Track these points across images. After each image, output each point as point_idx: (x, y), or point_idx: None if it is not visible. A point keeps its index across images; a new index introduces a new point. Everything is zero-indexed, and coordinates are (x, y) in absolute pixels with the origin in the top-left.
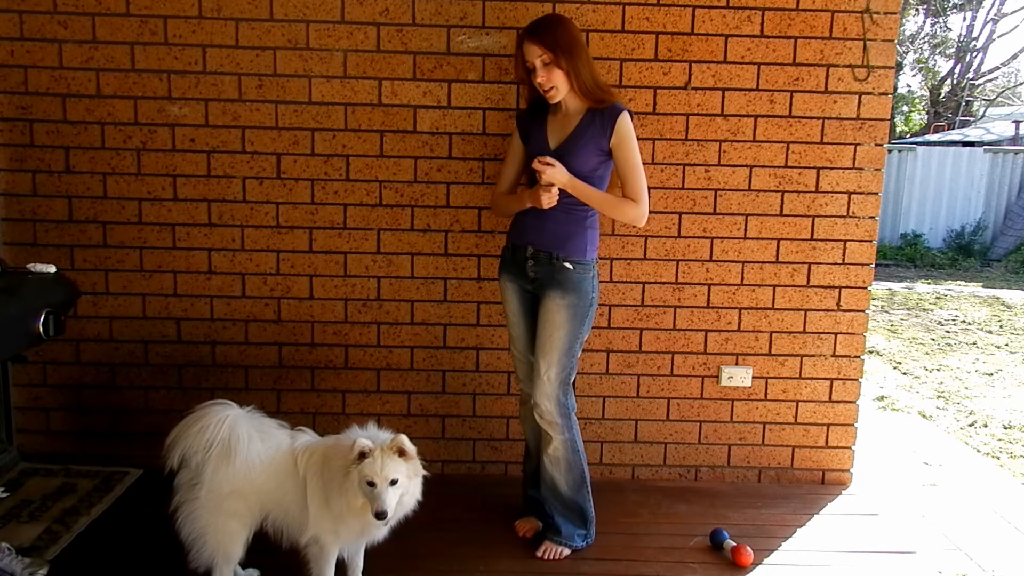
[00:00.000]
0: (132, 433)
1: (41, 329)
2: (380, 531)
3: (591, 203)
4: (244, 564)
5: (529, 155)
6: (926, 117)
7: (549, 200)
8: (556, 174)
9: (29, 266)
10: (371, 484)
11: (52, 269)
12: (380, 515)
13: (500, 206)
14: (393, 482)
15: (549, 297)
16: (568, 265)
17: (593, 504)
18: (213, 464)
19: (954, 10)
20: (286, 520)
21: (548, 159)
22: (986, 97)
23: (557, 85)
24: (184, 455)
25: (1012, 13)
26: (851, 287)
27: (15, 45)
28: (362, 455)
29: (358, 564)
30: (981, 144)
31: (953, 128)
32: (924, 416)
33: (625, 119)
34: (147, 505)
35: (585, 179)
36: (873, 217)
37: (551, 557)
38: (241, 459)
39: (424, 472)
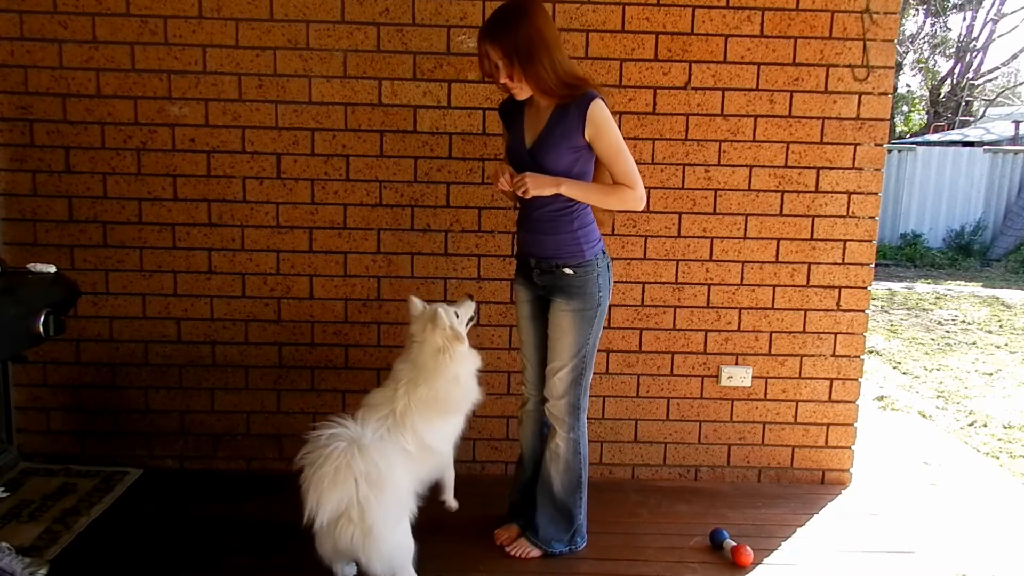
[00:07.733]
0: (132, 433)
1: (41, 329)
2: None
3: (587, 200)
4: None
5: (508, 149)
6: (926, 117)
7: (499, 182)
8: (539, 188)
9: (29, 266)
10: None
11: (52, 269)
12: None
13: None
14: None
15: (555, 303)
16: (568, 271)
17: (586, 513)
18: None
19: (954, 10)
20: None
21: (519, 178)
22: (986, 97)
23: (519, 88)
24: None
25: (1012, 13)
26: (851, 287)
27: (15, 45)
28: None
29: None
30: (981, 144)
31: (953, 128)
32: (924, 416)
33: (596, 108)
34: (147, 505)
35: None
36: (873, 217)
37: (518, 554)
38: None
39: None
